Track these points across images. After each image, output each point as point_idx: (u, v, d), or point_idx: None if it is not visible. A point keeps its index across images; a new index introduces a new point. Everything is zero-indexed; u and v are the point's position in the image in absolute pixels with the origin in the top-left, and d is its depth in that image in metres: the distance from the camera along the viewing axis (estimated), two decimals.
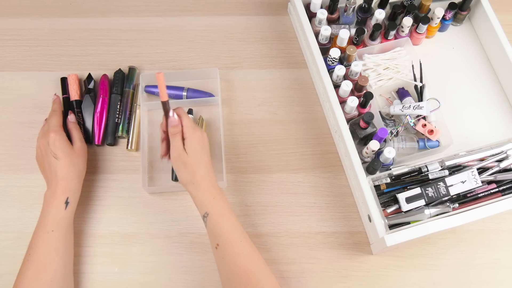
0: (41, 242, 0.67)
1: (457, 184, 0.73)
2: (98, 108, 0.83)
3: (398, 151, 0.80)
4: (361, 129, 0.78)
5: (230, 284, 0.64)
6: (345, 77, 0.83)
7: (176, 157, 0.66)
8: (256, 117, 0.86)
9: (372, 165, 0.74)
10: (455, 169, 0.76)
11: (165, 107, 0.66)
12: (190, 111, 0.83)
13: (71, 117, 0.79)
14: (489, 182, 0.75)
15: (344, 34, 0.81)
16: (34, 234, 0.68)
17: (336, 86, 0.81)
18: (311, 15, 0.87)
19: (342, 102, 0.80)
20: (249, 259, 0.65)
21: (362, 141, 0.80)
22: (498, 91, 0.87)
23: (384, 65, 0.86)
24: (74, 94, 0.84)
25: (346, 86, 0.78)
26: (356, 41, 0.85)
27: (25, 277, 0.65)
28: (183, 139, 0.67)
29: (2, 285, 0.74)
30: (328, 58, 0.83)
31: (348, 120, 0.80)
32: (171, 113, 0.66)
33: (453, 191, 0.72)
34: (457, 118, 0.84)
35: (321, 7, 0.86)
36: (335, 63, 0.82)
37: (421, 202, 0.72)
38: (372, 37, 0.86)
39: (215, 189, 0.68)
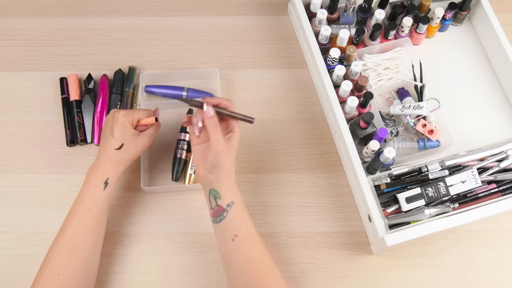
0: (76, 220, 0.66)
1: (457, 184, 0.73)
2: (98, 108, 0.83)
3: (398, 151, 0.80)
4: (361, 129, 0.78)
5: (244, 277, 0.63)
6: (345, 77, 0.83)
7: (221, 150, 0.64)
8: (256, 117, 0.85)
9: (372, 165, 0.74)
10: (455, 169, 0.76)
11: (194, 103, 0.66)
12: (190, 111, 0.83)
13: (157, 112, 0.75)
14: (489, 182, 0.75)
15: (344, 34, 0.81)
16: (71, 209, 0.67)
17: (336, 86, 0.81)
18: (311, 15, 0.87)
19: (342, 102, 0.80)
20: (264, 253, 0.65)
21: (362, 141, 0.80)
22: (498, 91, 0.87)
23: (384, 65, 0.86)
24: (74, 94, 0.84)
25: (346, 86, 0.78)
26: (356, 41, 0.85)
27: (58, 254, 0.64)
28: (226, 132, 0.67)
29: (2, 285, 0.74)
30: (328, 58, 0.83)
31: (348, 120, 0.80)
32: (204, 107, 0.65)
33: (453, 191, 0.72)
34: (457, 118, 0.84)
35: (321, 7, 0.86)
36: (335, 63, 0.82)
37: (421, 202, 0.72)
38: (372, 37, 0.86)
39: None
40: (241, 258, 0.63)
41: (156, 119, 0.74)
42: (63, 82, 0.86)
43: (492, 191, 0.74)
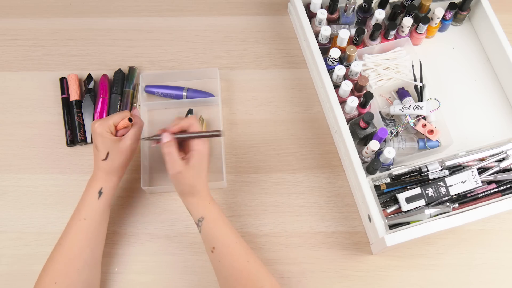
0: (73, 229, 0.67)
1: (457, 184, 0.73)
2: (98, 108, 0.83)
3: (398, 151, 0.80)
4: (361, 129, 0.78)
5: (229, 286, 0.65)
6: (345, 77, 0.83)
7: (175, 174, 0.65)
8: (256, 117, 0.86)
9: (372, 165, 0.74)
10: (455, 169, 0.76)
11: (154, 137, 0.68)
12: (190, 111, 0.83)
13: (135, 111, 0.76)
14: (489, 182, 0.75)
15: (344, 34, 0.81)
16: (70, 219, 0.69)
17: (336, 86, 0.81)
18: (311, 15, 0.87)
19: (342, 102, 0.80)
20: (245, 260, 0.65)
21: (362, 141, 0.80)
22: (498, 91, 0.87)
23: (384, 65, 0.86)
24: (74, 94, 0.84)
25: (346, 86, 0.78)
26: (356, 41, 0.85)
27: (55, 262, 0.65)
28: (184, 151, 0.68)
29: (2, 285, 0.74)
30: (328, 58, 0.83)
31: (348, 120, 0.80)
32: (164, 137, 0.66)
33: (453, 191, 0.72)
34: (457, 118, 0.84)
35: (321, 7, 0.86)
36: (335, 63, 0.82)
37: (421, 202, 0.72)
38: (372, 37, 0.86)
39: (209, 194, 0.69)
40: (224, 269, 0.65)
41: (130, 120, 0.71)
42: (63, 82, 0.86)
43: (492, 191, 0.74)
